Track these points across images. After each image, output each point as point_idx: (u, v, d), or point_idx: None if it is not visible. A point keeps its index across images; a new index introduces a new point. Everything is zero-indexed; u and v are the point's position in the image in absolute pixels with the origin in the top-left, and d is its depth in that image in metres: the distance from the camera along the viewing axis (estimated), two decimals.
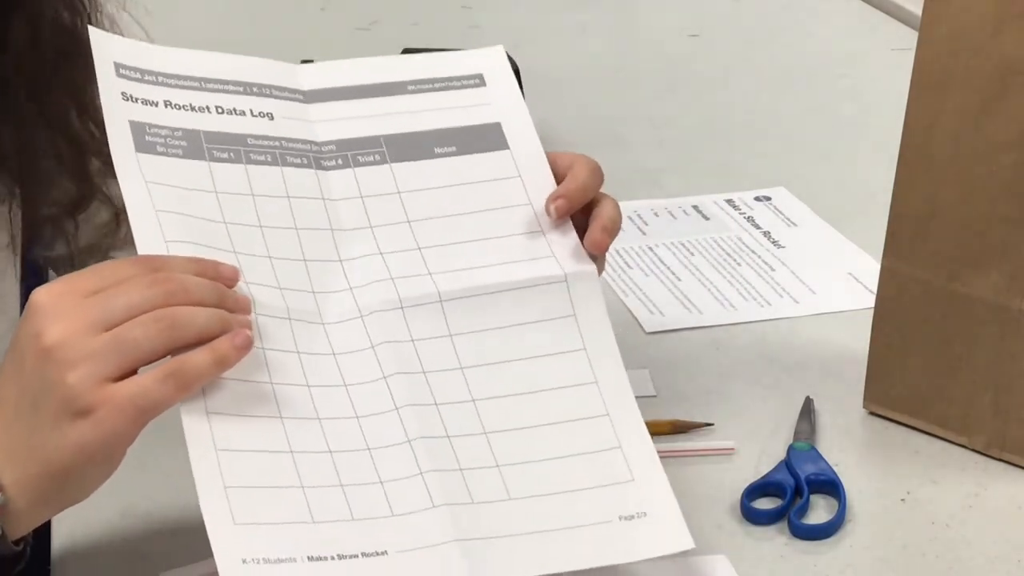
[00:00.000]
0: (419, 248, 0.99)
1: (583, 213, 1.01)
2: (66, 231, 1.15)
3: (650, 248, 1.42)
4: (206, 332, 0.87)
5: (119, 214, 1.14)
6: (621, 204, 1.02)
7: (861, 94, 1.78)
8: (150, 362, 0.86)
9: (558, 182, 1.01)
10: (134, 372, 0.85)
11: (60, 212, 1.14)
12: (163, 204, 0.93)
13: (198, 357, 0.86)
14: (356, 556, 0.87)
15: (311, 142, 1.00)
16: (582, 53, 1.92)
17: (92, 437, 0.85)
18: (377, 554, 0.88)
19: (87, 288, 0.87)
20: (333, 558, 0.87)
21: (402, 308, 0.96)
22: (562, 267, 0.99)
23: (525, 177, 1.02)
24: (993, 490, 1.07)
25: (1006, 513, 1.05)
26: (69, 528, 1.02)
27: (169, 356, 0.87)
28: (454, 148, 1.03)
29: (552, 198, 0.99)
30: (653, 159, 1.62)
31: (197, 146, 0.96)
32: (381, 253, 0.98)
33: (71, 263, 1.17)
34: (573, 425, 0.96)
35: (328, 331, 0.94)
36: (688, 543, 0.93)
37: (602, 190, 1.02)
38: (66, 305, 0.86)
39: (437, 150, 1.03)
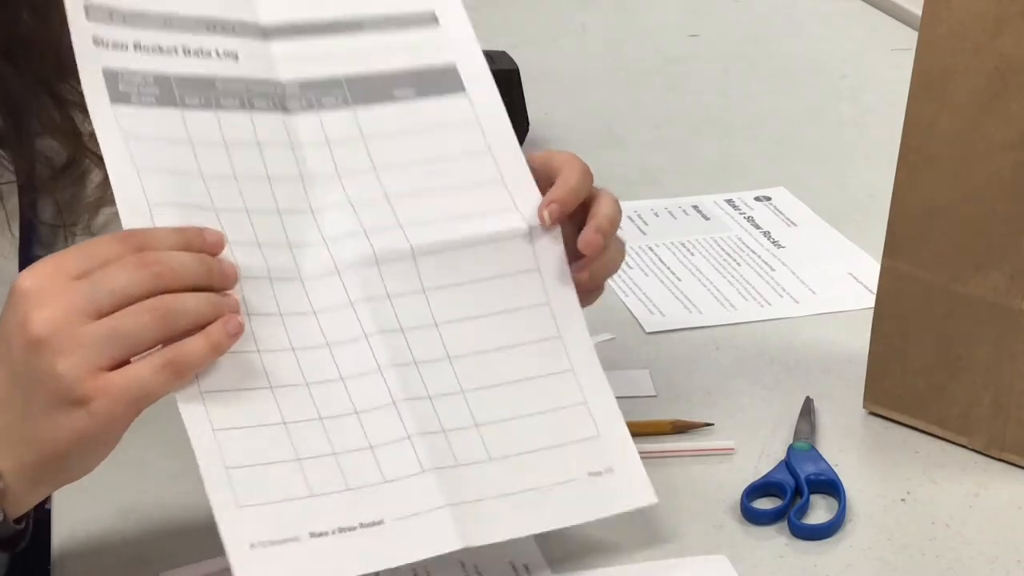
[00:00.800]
0: (387, 197, 1.00)
1: (580, 210, 1.01)
2: (59, 191, 1.15)
3: (650, 248, 1.42)
4: (199, 319, 0.87)
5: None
6: (621, 204, 1.02)
7: (861, 94, 1.78)
8: (143, 352, 0.86)
9: (548, 184, 1.01)
10: (127, 360, 0.85)
11: (53, 171, 1.14)
12: (143, 161, 0.94)
13: (193, 345, 0.87)
14: (355, 528, 0.90)
15: (276, 83, 1.01)
16: (582, 53, 1.93)
17: (88, 426, 0.84)
18: (374, 524, 0.90)
19: (72, 270, 0.86)
20: (334, 532, 0.89)
21: (377, 264, 0.97)
22: (525, 220, 1.00)
23: (483, 123, 1.03)
24: (993, 490, 1.07)
25: (1006, 513, 1.05)
26: (69, 528, 1.02)
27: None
28: (413, 91, 1.04)
29: (545, 204, 1.00)
30: (653, 159, 1.62)
31: (168, 92, 0.97)
32: (351, 204, 0.99)
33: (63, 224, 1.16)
34: (542, 381, 0.98)
35: (307, 287, 0.95)
36: (652, 498, 0.97)
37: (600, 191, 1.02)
38: (52, 290, 0.85)
39: (396, 92, 1.03)
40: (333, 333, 0.95)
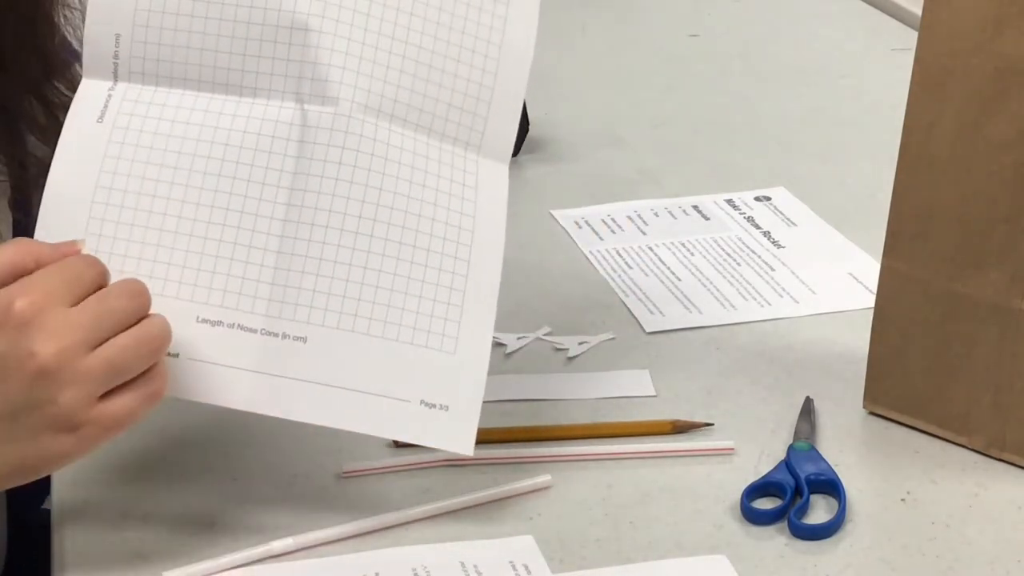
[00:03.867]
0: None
1: None
2: None
3: (650, 248, 1.42)
4: (168, 342, 0.91)
5: None
6: (621, 204, 1.02)
7: (861, 94, 1.78)
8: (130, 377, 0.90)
9: None
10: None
11: (42, 172, 1.14)
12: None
13: (165, 371, 0.91)
14: None
15: None
16: (582, 53, 1.93)
17: (75, 449, 0.89)
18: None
19: (64, 296, 0.88)
20: None
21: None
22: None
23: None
24: (993, 490, 1.07)
25: (1006, 513, 1.05)
26: (69, 529, 1.02)
27: None
28: None
29: None
30: (653, 159, 1.62)
31: None
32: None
33: None
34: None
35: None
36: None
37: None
38: (54, 321, 0.87)
39: None
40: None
